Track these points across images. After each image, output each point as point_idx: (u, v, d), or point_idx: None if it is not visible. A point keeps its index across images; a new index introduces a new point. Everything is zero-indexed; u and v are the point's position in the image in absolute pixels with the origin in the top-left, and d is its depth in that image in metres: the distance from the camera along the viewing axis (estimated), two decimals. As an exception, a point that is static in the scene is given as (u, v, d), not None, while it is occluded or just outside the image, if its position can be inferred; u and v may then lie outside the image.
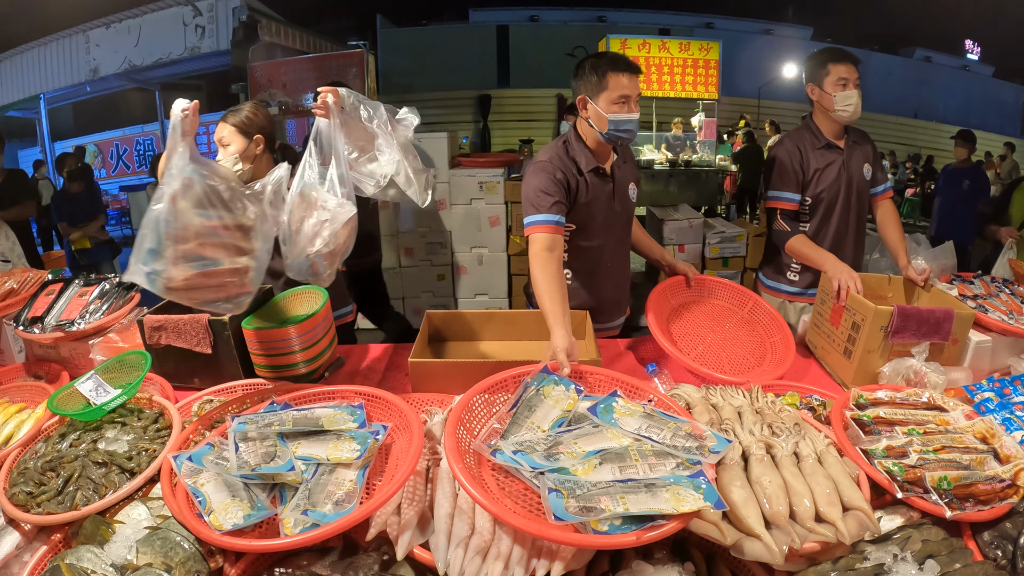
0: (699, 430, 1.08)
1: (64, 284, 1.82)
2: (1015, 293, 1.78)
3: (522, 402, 1.16)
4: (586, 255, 1.90)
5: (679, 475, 0.97)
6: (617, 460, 1.01)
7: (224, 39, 6.19)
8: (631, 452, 1.03)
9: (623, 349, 1.89)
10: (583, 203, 1.81)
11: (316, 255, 1.45)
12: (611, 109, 1.72)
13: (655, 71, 6.68)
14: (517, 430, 1.10)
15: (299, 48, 6.41)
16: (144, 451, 1.20)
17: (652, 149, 7.40)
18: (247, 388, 1.55)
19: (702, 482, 0.96)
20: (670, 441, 1.05)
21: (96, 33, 7.16)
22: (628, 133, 1.76)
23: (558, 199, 1.73)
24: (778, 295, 2.23)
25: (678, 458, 1.01)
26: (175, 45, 6.68)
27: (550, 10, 11.34)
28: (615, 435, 1.07)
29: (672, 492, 0.93)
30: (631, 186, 1.94)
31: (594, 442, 1.06)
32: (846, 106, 1.97)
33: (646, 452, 1.03)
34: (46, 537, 1.07)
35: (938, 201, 5.18)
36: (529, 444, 1.05)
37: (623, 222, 1.94)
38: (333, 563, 0.97)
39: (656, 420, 1.11)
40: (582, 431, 1.09)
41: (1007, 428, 1.25)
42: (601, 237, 1.88)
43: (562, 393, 1.18)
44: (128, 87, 8.91)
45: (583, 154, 1.81)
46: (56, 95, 8.28)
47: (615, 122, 1.72)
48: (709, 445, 1.04)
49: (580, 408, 1.16)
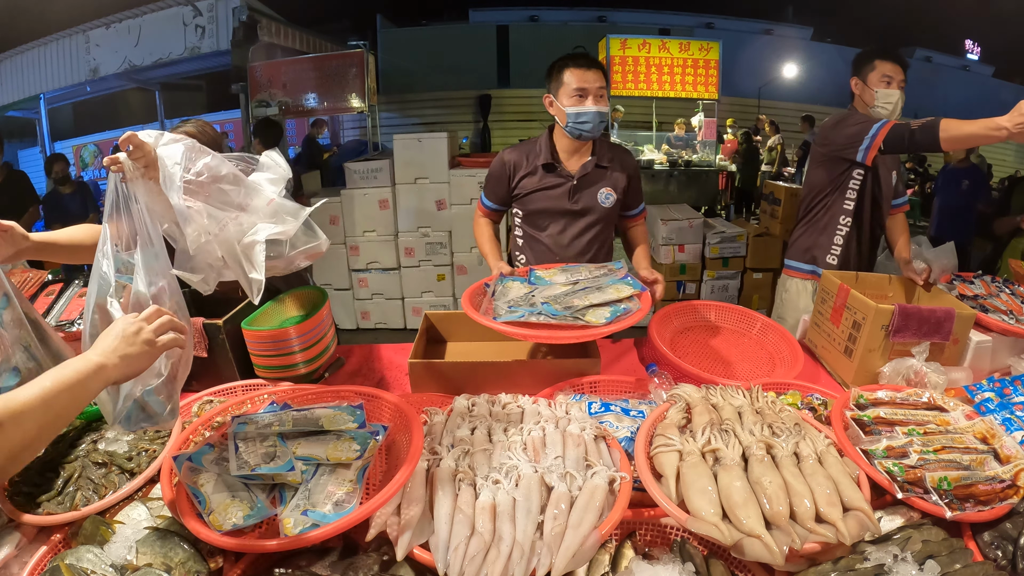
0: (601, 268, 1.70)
1: (64, 284, 1.82)
2: (1015, 293, 1.78)
3: (497, 292, 1.62)
4: (537, 244, 1.99)
5: (611, 279, 1.60)
6: (571, 282, 1.61)
7: (224, 39, 6.18)
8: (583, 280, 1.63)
9: (623, 349, 1.89)
10: (526, 194, 1.94)
11: (146, 394, 1.00)
12: (569, 103, 1.80)
13: (655, 71, 6.68)
14: (502, 299, 1.56)
15: (299, 48, 6.40)
16: (144, 451, 1.21)
17: (652, 149, 7.40)
18: (247, 389, 1.55)
19: (628, 279, 1.60)
20: (591, 273, 1.67)
21: (96, 33, 7.15)
22: (585, 125, 1.81)
23: (495, 188, 1.99)
24: (810, 277, 2.22)
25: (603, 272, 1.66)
26: (175, 45, 6.67)
27: (550, 10, 11.32)
28: (558, 283, 1.63)
29: (614, 288, 1.53)
30: (605, 190, 1.93)
31: (549, 290, 1.57)
32: (886, 103, 1.99)
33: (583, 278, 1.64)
34: (46, 537, 1.07)
35: (937, 201, 5.18)
36: (514, 301, 1.54)
37: (584, 223, 1.95)
38: (333, 563, 0.97)
39: (571, 270, 1.71)
40: (538, 289, 1.59)
41: (1007, 428, 1.25)
42: (552, 229, 1.97)
43: (518, 285, 1.66)
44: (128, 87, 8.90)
45: (545, 149, 1.92)
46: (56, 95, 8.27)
47: (572, 114, 1.80)
48: (613, 266, 1.72)
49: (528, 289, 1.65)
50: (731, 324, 1.91)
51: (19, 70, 8.01)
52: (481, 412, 1.27)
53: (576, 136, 1.85)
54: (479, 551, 0.92)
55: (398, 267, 4.60)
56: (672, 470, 1.04)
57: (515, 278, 1.72)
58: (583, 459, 1.09)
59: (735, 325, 1.90)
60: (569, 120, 1.81)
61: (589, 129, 1.82)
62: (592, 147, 1.93)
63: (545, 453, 1.11)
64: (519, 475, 1.04)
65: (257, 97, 5.71)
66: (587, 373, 1.52)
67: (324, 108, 5.80)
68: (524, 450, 1.12)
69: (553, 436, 1.14)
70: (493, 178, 1.99)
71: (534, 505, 0.98)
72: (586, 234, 1.97)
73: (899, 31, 11.97)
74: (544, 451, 1.11)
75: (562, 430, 1.16)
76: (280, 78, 5.70)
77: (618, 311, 1.46)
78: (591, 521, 0.95)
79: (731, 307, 1.95)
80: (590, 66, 1.80)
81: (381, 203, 4.44)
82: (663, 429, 1.14)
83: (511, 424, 1.22)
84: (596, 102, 1.79)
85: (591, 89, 1.78)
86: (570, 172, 1.91)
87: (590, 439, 1.14)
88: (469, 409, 1.30)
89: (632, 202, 2.04)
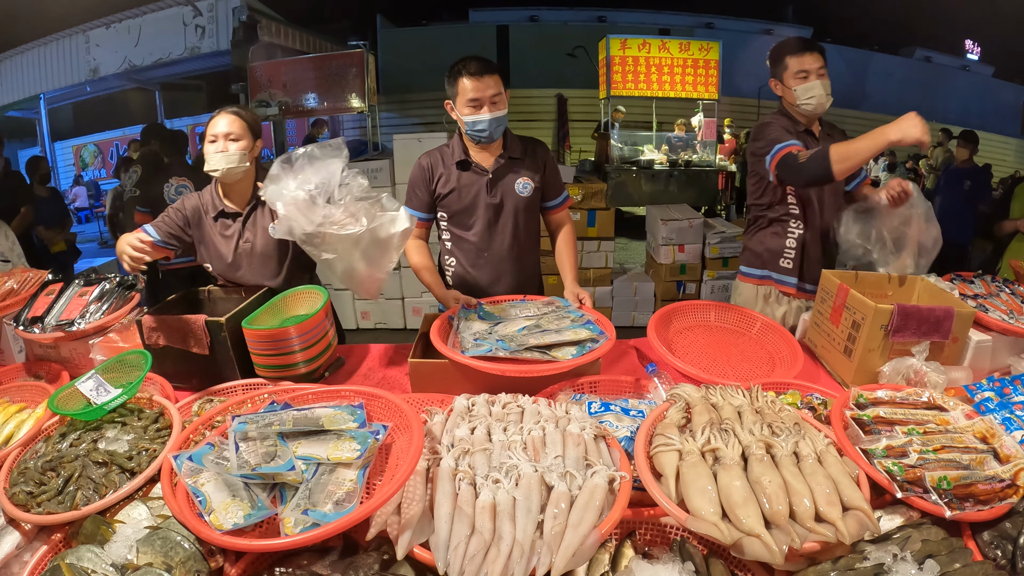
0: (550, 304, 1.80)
1: (64, 284, 1.82)
2: (1015, 292, 1.78)
3: (461, 325, 1.65)
4: (464, 243, 2.03)
5: (568, 324, 1.62)
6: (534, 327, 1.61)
7: (224, 39, 6.19)
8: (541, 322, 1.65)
9: (623, 349, 1.89)
10: (447, 192, 1.96)
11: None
12: (464, 112, 1.85)
13: (655, 71, 6.68)
14: (467, 332, 1.60)
15: (299, 48, 6.41)
16: (144, 451, 1.21)
17: (652, 149, 7.40)
18: (247, 388, 1.56)
19: (588, 324, 1.61)
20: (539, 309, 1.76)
21: (96, 33, 7.15)
22: (482, 132, 1.87)
23: (418, 194, 1.99)
24: (764, 283, 2.15)
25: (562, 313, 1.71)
26: (175, 45, 6.68)
27: (550, 10, 11.32)
28: (523, 319, 1.68)
29: (572, 332, 1.54)
30: (521, 180, 1.98)
31: (505, 328, 1.62)
32: (808, 99, 1.93)
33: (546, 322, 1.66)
34: (46, 537, 1.07)
35: (938, 201, 5.18)
36: (479, 334, 1.58)
37: (508, 215, 1.99)
38: (333, 563, 0.97)
39: (519, 305, 1.82)
40: (498, 325, 1.64)
41: (1007, 428, 1.25)
42: (477, 227, 1.99)
43: (477, 320, 1.71)
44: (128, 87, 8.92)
45: (457, 148, 1.96)
46: (56, 95, 8.29)
47: (469, 123, 1.86)
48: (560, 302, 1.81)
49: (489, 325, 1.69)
50: (731, 324, 1.91)
51: (19, 70, 8.02)
52: (481, 412, 1.27)
53: (476, 141, 1.92)
54: (479, 550, 0.92)
55: (398, 267, 4.60)
56: (672, 470, 1.04)
57: (473, 310, 1.76)
58: (583, 458, 1.09)
59: (735, 325, 1.90)
60: (467, 128, 1.87)
61: (486, 135, 1.87)
62: (502, 142, 1.97)
63: (545, 452, 1.11)
64: (519, 474, 1.04)
65: (257, 97, 5.71)
66: (587, 373, 1.52)
67: (324, 108, 5.80)
68: (524, 449, 1.12)
69: (553, 436, 1.14)
70: (414, 185, 1.99)
71: (534, 504, 0.98)
72: (509, 227, 2.00)
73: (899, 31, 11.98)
74: (544, 450, 1.11)
75: (562, 430, 1.16)
76: (280, 78, 5.70)
77: (583, 349, 1.50)
78: (591, 520, 0.95)
79: (731, 307, 1.95)
80: (483, 73, 1.81)
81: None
82: (663, 429, 1.14)
83: (511, 424, 1.22)
84: (491, 109, 1.84)
85: (484, 98, 1.82)
86: (484, 167, 1.95)
87: (590, 439, 1.14)
88: (469, 409, 1.30)
89: (552, 192, 2.07)
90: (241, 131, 1.81)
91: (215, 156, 1.78)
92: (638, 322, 4.82)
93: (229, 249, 1.91)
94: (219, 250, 1.91)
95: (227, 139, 1.80)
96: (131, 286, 1.83)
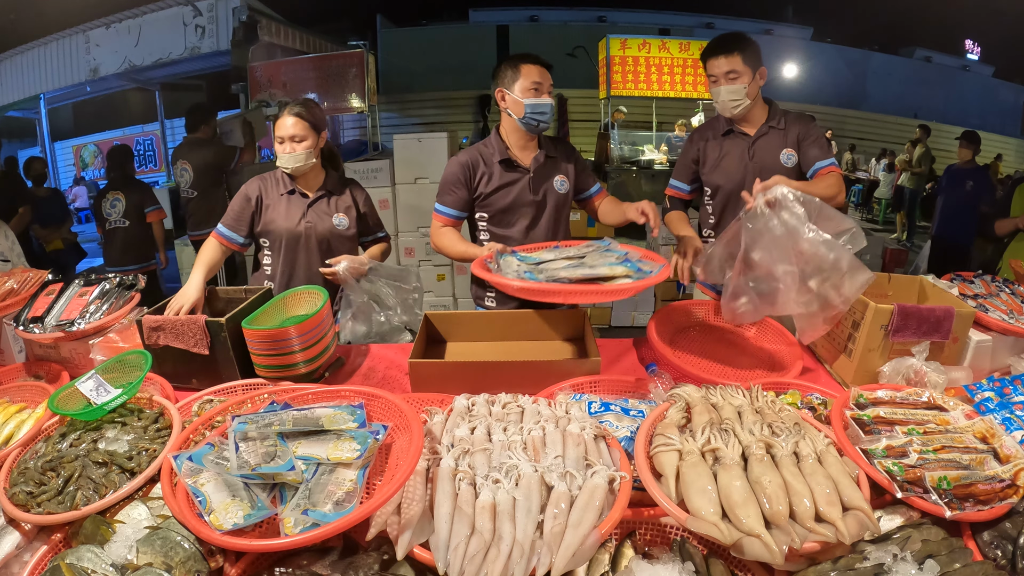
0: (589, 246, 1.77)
1: (64, 284, 1.82)
2: (1015, 292, 1.78)
3: (502, 265, 1.65)
4: (506, 242, 1.98)
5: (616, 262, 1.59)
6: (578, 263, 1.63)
7: (224, 39, 6.18)
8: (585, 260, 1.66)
9: (623, 349, 1.89)
10: (490, 191, 1.98)
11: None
12: (526, 95, 1.90)
13: (655, 71, 6.67)
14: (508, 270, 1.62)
15: (299, 48, 6.40)
16: (144, 451, 1.21)
17: (652, 149, 7.40)
18: (247, 388, 1.56)
19: (627, 262, 1.57)
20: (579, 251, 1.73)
21: (96, 33, 7.14)
22: (542, 116, 1.92)
23: (455, 193, 1.99)
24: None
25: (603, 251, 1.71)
26: (175, 45, 6.67)
27: (550, 10, 11.31)
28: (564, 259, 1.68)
29: (621, 267, 1.54)
30: (559, 178, 2.05)
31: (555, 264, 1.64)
32: (717, 103, 1.98)
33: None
34: (46, 537, 1.07)
35: (940, 201, 5.18)
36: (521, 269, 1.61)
37: (548, 211, 2.04)
38: (333, 563, 0.97)
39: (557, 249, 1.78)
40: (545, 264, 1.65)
41: (1007, 428, 1.25)
42: (519, 224, 2.02)
43: (516, 261, 1.68)
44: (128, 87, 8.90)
45: (499, 147, 1.99)
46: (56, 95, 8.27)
47: (529, 106, 1.90)
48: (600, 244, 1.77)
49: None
50: (731, 324, 1.91)
51: (19, 70, 8.01)
52: (481, 412, 1.27)
53: (531, 128, 1.94)
54: (479, 550, 0.92)
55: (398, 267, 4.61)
56: (672, 470, 1.04)
57: (508, 253, 1.75)
58: (583, 458, 1.09)
59: (735, 325, 1.90)
60: (526, 111, 1.90)
61: (545, 120, 1.92)
62: (539, 141, 2.03)
63: (545, 452, 1.11)
64: (519, 474, 1.04)
65: (257, 97, 5.71)
66: (587, 373, 1.52)
67: (324, 108, 5.78)
68: (524, 449, 1.12)
69: (553, 435, 1.14)
70: (452, 183, 1.99)
71: (534, 504, 0.98)
72: (551, 224, 2.05)
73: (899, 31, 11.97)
74: (544, 450, 1.11)
75: (562, 429, 1.16)
76: (280, 78, 5.70)
77: (641, 273, 1.52)
78: (591, 520, 0.95)
79: None
80: (543, 64, 1.93)
81: (381, 203, 4.44)
82: (663, 429, 1.14)
83: (511, 424, 1.22)
84: (548, 97, 1.93)
85: (545, 84, 1.91)
86: (525, 166, 1.99)
87: (590, 438, 1.14)
88: (469, 409, 1.30)
89: (587, 183, 2.14)
90: (305, 131, 1.98)
91: (284, 156, 1.99)
92: (638, 322, 4.81)
93: (292, 223, 2.07)
94: (287, 217, 2.07)
95: (292, 141, 1.97)
96: (131, 286, 1.83)
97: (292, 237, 2.07)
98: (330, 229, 2.09)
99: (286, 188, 2.08)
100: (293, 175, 2.07)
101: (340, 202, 2.14)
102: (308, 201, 2.09)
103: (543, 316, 1.87)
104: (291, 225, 2.06)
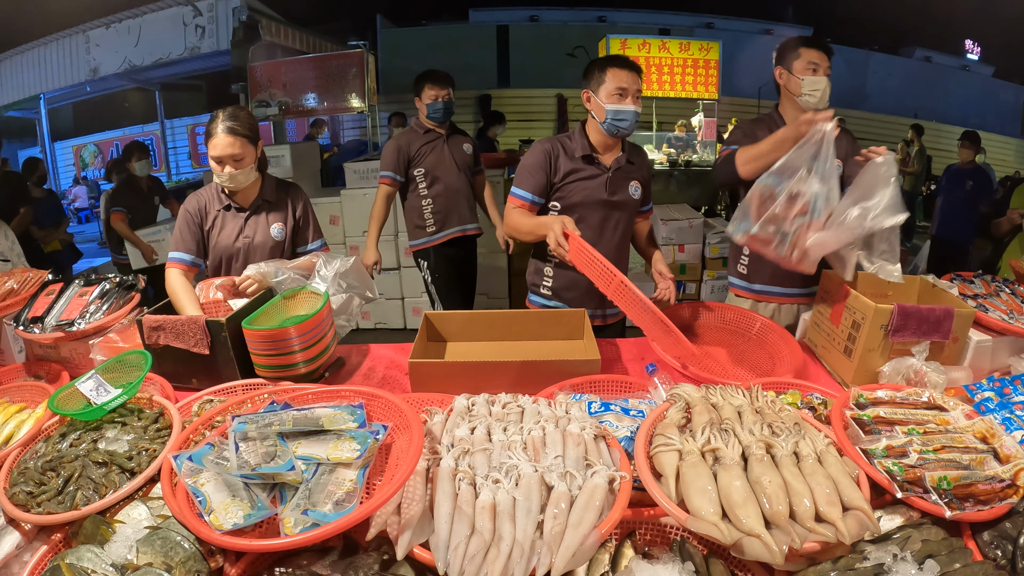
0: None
1: (64, 284, 1.82)
2: (1015, 292, 1.78)
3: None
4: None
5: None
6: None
7: (224, 39, 6.18)
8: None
9: (623, 349, 1.89)
10: (567, 184, 1.97)
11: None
12: (609, 100, 1.89)
13: (655, 71, 6.69)
14: None
15: (299, 48, 6.40)
16: (144, 451, 1.21)
17: (652, 149, 7.41)
18: (247, 388, 1.56)
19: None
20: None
21: (96, 33, 7.15)
22: (623, 123, 1.90)
23: (535, 177, 1.95)
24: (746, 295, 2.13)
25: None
26: (175, 45, 6.67)
27: (550, 10, 11.31)
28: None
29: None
30: (633, 184, 2.04)
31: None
32: (812, 91, 1.90)
33: None
34: (46, 537, 1.07)
35: (940, 201, 5.18)
36: None
37: (619, 215, 2.04)
38: (333, 563, 0.97)
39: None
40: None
41: (1007, 428, 1.25)
42: (590, 221, 2.00)
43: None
44: (128, 87, 8.92)
45: (582, 142, 1.98)
46: (56, 95, 8.28)
47: (612, 112, 1.88)
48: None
49: None
50: (731, 324, 1.91)
51: (19, 70, 8.01)
52: (481, 412, 1.27)
53: (612, 133, 1.93)
54: (479, 550, 0.92)
55: (398, 267, 4.60)
56: (672, 470, 1.04)
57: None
58: (583, 458, 1.09)
59: (735, 325, 1.90)
60: (608, 116, 1.89)
61: (626, 127, 1.91)
62: (622, 144, 2.03)
63: (545, 452, 1.11)
64: (519, 474, 1.04)
65: (257, 97, 5.71)
66: (587, 373, 1.52)
67: (324, 108, 5.80)
68: (524, 449, 1.12)
69: (553, 435, 1.14)
70: (533, 167, 1.96)
71: (534, 504, 0.98)
72: (620, 226, 2.05)
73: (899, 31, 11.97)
74: (544, 450, 1.11)
75: (562, 429, 1.16)
76: (280, 78, 5.70)
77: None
78: (591, 520, 0.95)
79: (731, 307, 1.95)
80: (633, 68, 1.91)
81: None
82: (663, 428, 1.14)
83: (511, 423, 1.22)
84: (634, 102, 1.90)
85: (631, 90, 1.88)
86: (606, 165, 1.99)
87: (590, 438, 1.14)
88: (469, 409, 1.30)
89: (645, 199, 2.15)
90: (243, 149, 1.88)
91: (223, 176, 1.90)
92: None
93: (230, 240, 2.01)
94: (223, 238, 2.01)
95: (233, 161, 1.87)
96: (131, 286, 1.83)
97: (230, 255, 2.03)
98: (266, 241, 2.03)
99: (222, 204, 2.01)
100: (230, 191, 2.00)
101: (276, 211, 2.06)
102: (245, 215, 2.02)
103: (543, 316, 1.88)
104: (229, 243, 2.01)
